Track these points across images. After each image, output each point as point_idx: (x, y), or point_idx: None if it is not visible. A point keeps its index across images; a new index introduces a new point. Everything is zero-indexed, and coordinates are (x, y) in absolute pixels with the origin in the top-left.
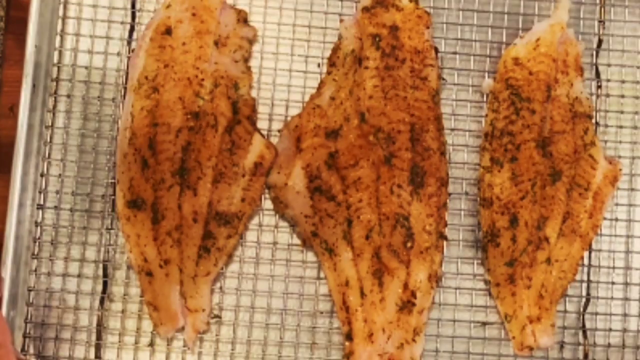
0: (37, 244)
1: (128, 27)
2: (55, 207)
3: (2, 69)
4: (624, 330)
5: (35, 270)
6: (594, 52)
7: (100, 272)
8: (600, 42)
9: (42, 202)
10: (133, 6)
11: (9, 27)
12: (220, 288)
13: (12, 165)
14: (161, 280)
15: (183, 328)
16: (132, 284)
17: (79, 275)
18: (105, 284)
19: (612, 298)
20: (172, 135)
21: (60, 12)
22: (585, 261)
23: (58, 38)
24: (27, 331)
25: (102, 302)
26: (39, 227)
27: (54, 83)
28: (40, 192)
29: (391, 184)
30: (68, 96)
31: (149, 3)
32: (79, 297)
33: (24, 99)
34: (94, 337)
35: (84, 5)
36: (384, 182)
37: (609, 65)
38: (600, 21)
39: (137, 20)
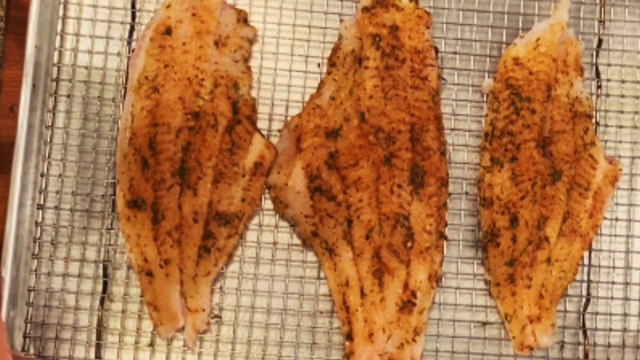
0: (37, 244)
1: (128, 27)
2: (55, 207)
3: (2, 69)
4: (624, 330)
5: (35, 270)
6: (594, 52)
7: (101, 272)
8: (600, 42)
9: (42, 202)
10: (133, 6)
11: (9, 27)
12: (220, 288)
13: (12, 165)
14: (161, 280)
15: (183, 328)
16: (132, 284)
17: (79, 275)
18: (105, 284)
19: (612, 298)
20: (172, 135)
21: (60, 12)
22: (586, 261)
23: (58, 38)
24: (27, 331)
25: (102, 302)
26: (39, 227)
27: (54, 83)
28: (40, 192)
29: (391, 183)
30: (68, 96)
31: (149, 3)
32: (79, 297)
33: (24, 99)
34: (94, 337)
35: (84, 5)
36: (384, 182)
37: (609, 65)
38: (600, 21)
39: (137, 20)
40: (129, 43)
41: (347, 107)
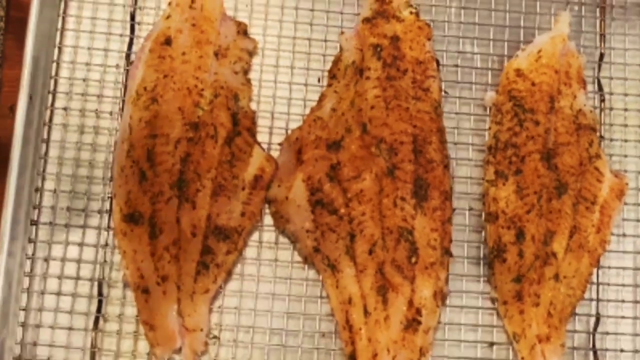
0: (30, 260)
1: (127, 39)
2: (50, 223)
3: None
4: (635, 351)
5: (28, 289)
6: (596, 66)
7: (95, 290)
8: (602, 55)
9: (35, 218)
10: (132, 19)
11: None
12: (219, 307)
13: (7, 177)
14: (158, 298)
15: (180, 350)
16: (128, 304)
17: (72, 295)
18: (100, 303)
19: (622, 317)
20: (171, 146)
21: (59, 25)
22: (594, 278)
23: (56, 50)
24: (19, 353)
25: (96, 322)
26: (32, 244)
27: (51, 95)
28: (34, 208)
29: (394, 196)
30: (65, 109)
31: (147, 16)
32: (73, 316)
33: (20, 111)
34: (87, 359)
35: (83, 18)
36: (387, 194)
37: (611, 78)
38: (601, 34)
39: (136, 33)
40: (128, 56)
41: (348, 118)
